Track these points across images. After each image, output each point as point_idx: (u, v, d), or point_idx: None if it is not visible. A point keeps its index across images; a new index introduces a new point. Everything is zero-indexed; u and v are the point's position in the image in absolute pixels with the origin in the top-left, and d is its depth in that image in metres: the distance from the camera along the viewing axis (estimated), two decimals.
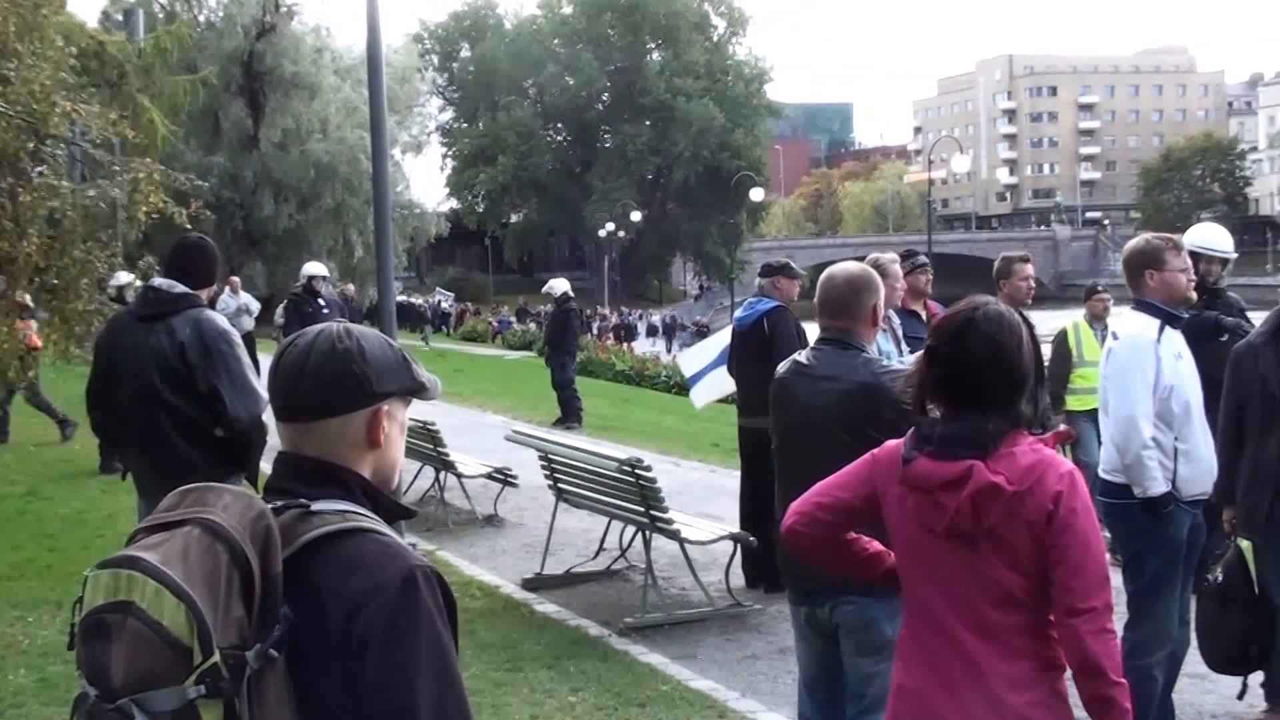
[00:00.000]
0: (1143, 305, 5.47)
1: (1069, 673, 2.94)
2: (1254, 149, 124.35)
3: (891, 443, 3.14)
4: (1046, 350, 8.30)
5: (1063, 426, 8.84)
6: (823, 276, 4.44)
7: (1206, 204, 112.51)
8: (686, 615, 7.92)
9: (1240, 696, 5.89)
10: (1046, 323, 12.74)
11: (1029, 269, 7.89)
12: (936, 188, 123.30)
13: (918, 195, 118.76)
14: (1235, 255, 7.62)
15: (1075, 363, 10.17)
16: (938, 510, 2.94)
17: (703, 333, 48.67)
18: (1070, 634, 2.87)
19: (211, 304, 7.61)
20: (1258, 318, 6.38)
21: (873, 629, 4.08)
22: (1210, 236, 7.44)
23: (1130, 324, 5.48)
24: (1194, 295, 5.62)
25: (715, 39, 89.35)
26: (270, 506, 1.99)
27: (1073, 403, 10.05)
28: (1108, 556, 3.10)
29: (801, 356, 4.39)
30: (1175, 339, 5.42)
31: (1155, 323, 5.38)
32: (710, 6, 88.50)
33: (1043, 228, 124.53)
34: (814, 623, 4.31)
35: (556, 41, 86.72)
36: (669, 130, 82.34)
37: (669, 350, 47.63)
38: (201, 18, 45.87)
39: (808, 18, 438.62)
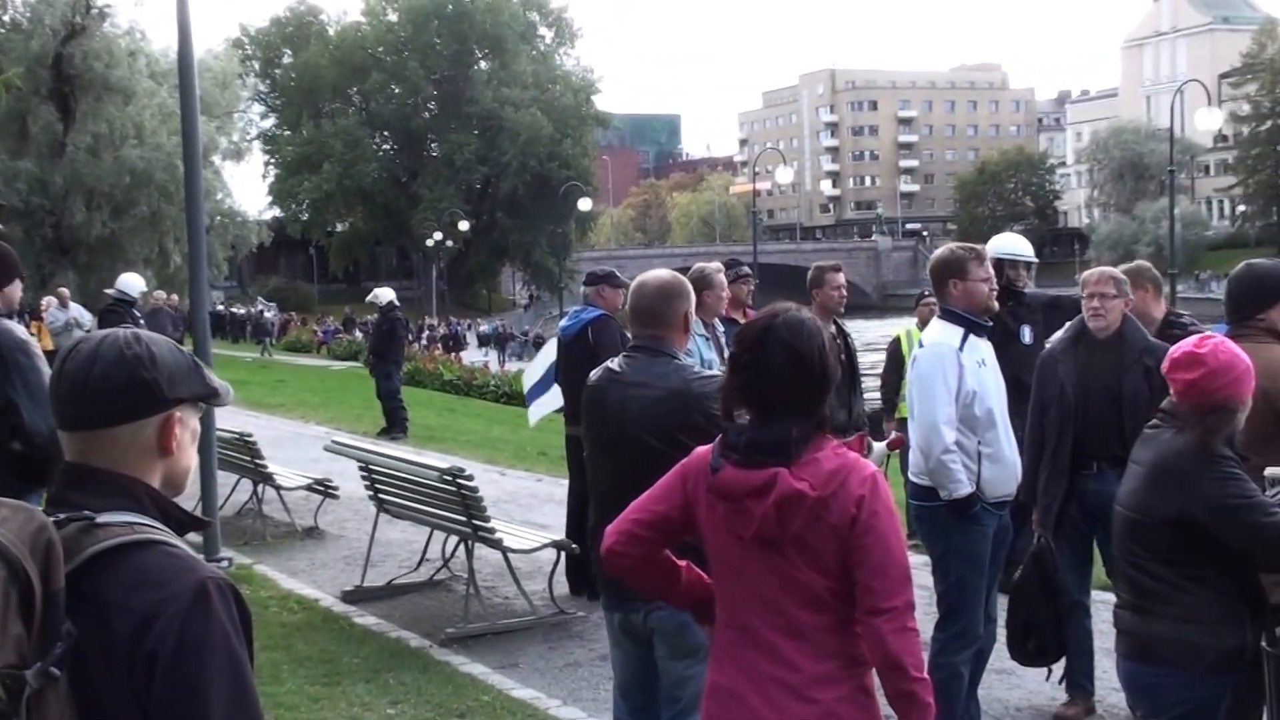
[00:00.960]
0: (947, 314, 5.64)
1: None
2: (1062, 163, 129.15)
3: (701, 450, 3.18)
4: (869, 358, 8.48)
5: (895, 434, 9.01)
6: (634, 285, 4.49)
7: (1019, 216, 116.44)
8: (509, 624, 7.90)
9: (1055, 679, 6.10)
10: (870, 331, 12.99)
11: (841, 278, 8.05)
12: (762, 199, 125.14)
13: (744, 206, 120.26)
14: (1036, 261, 7.93)
15: (908, 369, 10.37)
16: (744, 518, 2.99)
17: (538, 342, 48.59)
18: (873, 632, 2.94)
19: (24, 313, 7.32)
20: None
21: (686, 632, 4.12)
22: (1013, 244, 7.72)
23: (934, 333, 5.64)
24: (995, 304, 5.81)
25: (543, 49, 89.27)
26: (53, 519, 1.93)
27: (905, 410, 10.27)
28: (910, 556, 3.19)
29: (614, 364, 4.41)
30: (979, 346, 5.58)
31: (958, 331, 5.53)
32: (537, 17, 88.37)
33: (865, 239, 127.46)
34: (628, 628, 4.34)
35: (381, 49, 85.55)
36: (497, 140, 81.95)
37: (502, 361, 47.38)
38: (6, 18, 44.14)
39: (635, 29, 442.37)
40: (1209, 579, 3.67)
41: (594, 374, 4.51)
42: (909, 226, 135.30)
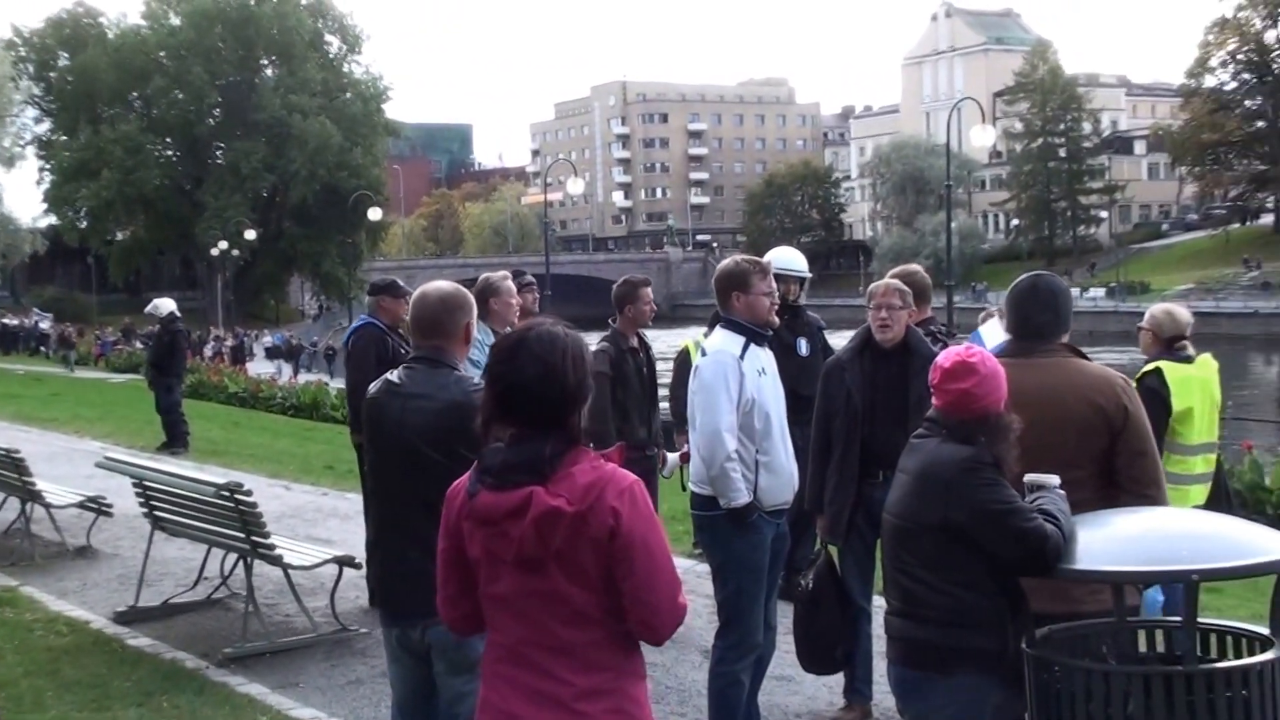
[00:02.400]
0: (729, 323, 5.72)
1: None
2: (847, 177, 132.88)
3: (459, 481, 3.15)
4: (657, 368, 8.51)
5: (686, 447, 9.06)
6: (415, 296, 4.44)
7: (805, 228, 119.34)
8: (289, 643, 7.70)
9: (846, 690, 6.24)
10: (659, 341, 13.14)
11: (650, 292, 8.10)
12: (554, 210, 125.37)
13: (536, 217, 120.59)
14: (810, 275, 8.08)
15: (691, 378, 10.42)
16: (504, 541, 2.96)
17: (329, 354, 47.61)
18: (643, 633, 3.00)
19: None
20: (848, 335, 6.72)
21: (465, 648, 4.06)
22: (788, 258, 7.87)
23: (716, 342, 5.70)
24: (776, 318, 5.92)
25: (331, 56, 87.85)
26: None
27: None
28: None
29: (393, 376, 4.35)
30: (760, 355, 5.66)
31: (740, 340, 5.61)
32: (324, 24, 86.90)
33: (656, 250, 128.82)
34: (406, 644, 4.27)
35: (164, 53, 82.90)
36: (285, 147, 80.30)
37: (296, 372, 46.22)
38: None
39: (425, 38, 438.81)
40: (973, 584, 3.77)
41: (373, 386, 4.44)
42: (699, 238, 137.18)
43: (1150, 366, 6.71)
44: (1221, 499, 7.03)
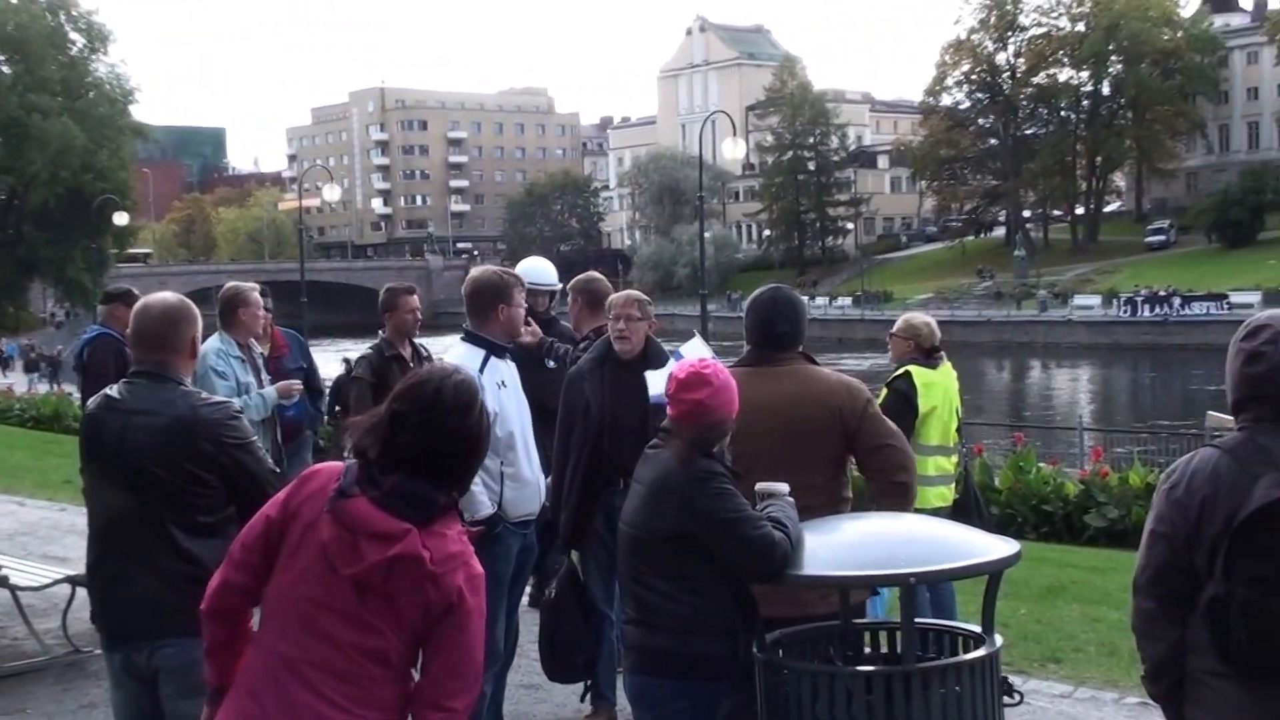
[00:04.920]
0: (470, 337, 5.72)
1: None
2: (606, 187, 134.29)
3: (327, 466, 3.06)
4: None
5: None
6: (137, 308, 4.29)
7: (565, 237, 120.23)
8: (17, 666, 7.34)
9: (583, 699, 6.28)
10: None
11: (415, 300, 7.96)
12: (313, 216, 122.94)
13: (293, 223, 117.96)
14: (561, 287, 8.12)
15: None
16: (353, 555, 2.88)
17: (58, 363, 45.50)
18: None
19: None
20: None
21: (196, 670, 3.91)
22: (539, 270, 7.90)
23: (455, 355, 5.68)
24: (524, 333, 5.94)
25: (73, 55, 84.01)
26: None
27: None
28: None
29: (113, 391, 4.17)
30: (500, 368, 5.67)
31: (480, 353, 5.62)
32: (65, 20, 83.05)
33: (416, 258, 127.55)
34: (131, 668, 4.10)
35: None
36: (24, 149, 76.31)
37: (44, 382, 43.91)
38: None
39: (176, 38, 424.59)
40: (704, 591, 3.87)
41: (91, 401, 4.27)
42: (460, 246, 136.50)
43: (900, 370, 7.06)
44: (971, 508, 7.38)
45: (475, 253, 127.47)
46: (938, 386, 7.11)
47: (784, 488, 4.02)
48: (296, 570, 2.97)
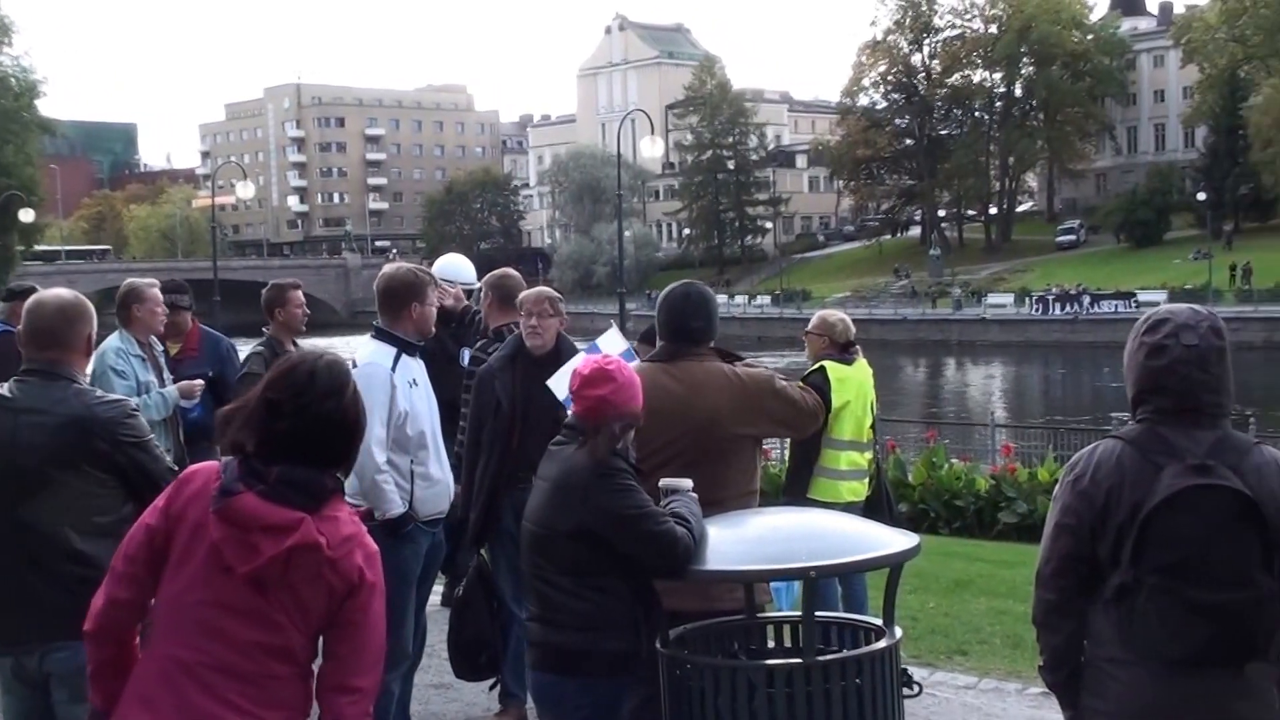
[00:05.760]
0: (381, 334, 5.68)
1: None
2: (526, 185, 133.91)
3: (204, 467, 3.00)
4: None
5: None
6: (30, 304, 4.20)
7: (486, 235, 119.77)
8: None
9: (492, 690, 6.26)
10: (339, 350, 12.80)
11: (301, 295, 7.90)
12: (227, 214, 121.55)
13: (207, 220, 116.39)
14: (477, 284, 8.07)
15: None
16: (248, 552, 2.83)
17: None
18: (334, 709, 2.91)
19: None
20: None
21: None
22: (456, 267, 7.85)
23: (367, 353, 5.64)
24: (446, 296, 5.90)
25: None
26: None
27: None
28: None
29: (3, 389, 4.08)
30: (411, 366, 5.65)
31: (391, 351, 5.59)
32: None
33: (334, 256, 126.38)
34: (21, 673, 4.02)
35: None
36: None
37: None
38: None
39: (84, 31, 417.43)
40: (607, 587, 3.88)
41: None
42: (378, 244, 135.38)
43: (815, 366, 7.13)
44: (883, 505, 7.47)
45: (394, 251, 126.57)
46: (852, 382, 7.19)
47: (687, 483, 4.03)
48: (187, 576, 2.92)
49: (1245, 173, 74.75)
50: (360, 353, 5.72)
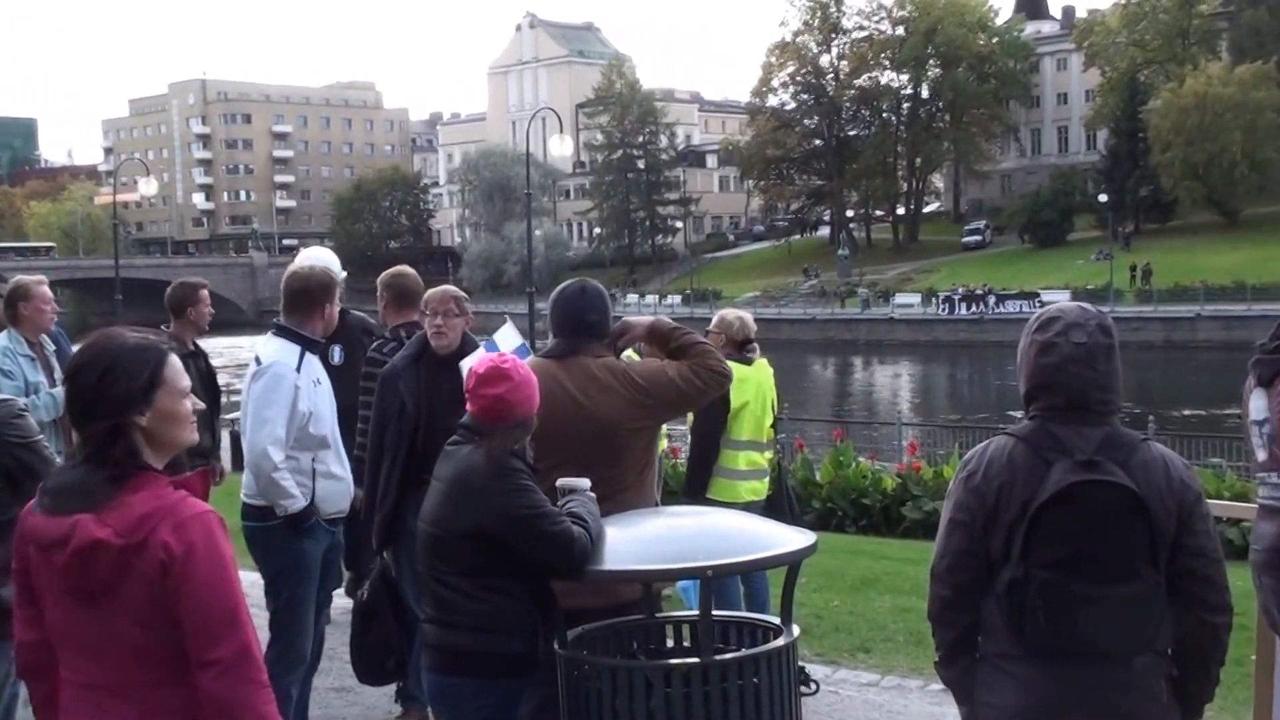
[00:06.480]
0: (286, 332, 5.61)
1: None
2: (436, 183, 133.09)
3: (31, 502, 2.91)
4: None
5: None
6: None
7: (395, 234, 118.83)
8: None
9: (397, 699, 6.20)
10: (244, 351, 12.63)
11: (207, 294, 7.86)
12: (131, 211, 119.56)
13: (109, 218, 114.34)
14: (345, 274, 8.00)
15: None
16: (51, 570, 2.77)
17: None
18: (200, 691, 2.74)
19: None
20: None
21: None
22: (322, 259, 7.77)
23: (272, 352, 5.57)
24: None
25: None
26: None
27: None
28: None
29: None
30: (314, 365, 5.61)
31: (296, 349, 5.54)
32: None
33: (240, 254, 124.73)
34: None
35: None
36: None
37: None
38: None
39: None
40: (504, 588, 3.85)
41: None
42: (286, 242, 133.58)
43: None
44: (784, 505, 7.49)
45: (301, 250, 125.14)
46: (750, 382, 7.18)
47: (585, 483, 4.01)
48: (49, 604, 2.86)
49: (1145, 175, 76.25)
50: (263, 351, 5.65)
